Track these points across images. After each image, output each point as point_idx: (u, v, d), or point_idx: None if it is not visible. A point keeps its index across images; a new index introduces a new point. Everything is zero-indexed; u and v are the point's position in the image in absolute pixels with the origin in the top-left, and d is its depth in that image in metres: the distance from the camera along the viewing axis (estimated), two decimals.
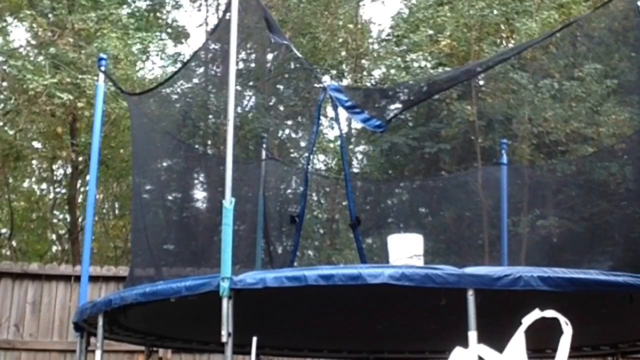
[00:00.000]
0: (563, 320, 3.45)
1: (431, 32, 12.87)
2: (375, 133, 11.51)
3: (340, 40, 14.92)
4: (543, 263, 7.15)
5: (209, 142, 13.41)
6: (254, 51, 15.01)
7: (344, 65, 15.41)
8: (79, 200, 14.16)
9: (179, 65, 13.76)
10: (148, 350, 7.42)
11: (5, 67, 11.38)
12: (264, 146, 9.66)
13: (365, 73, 15.48)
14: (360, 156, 15.57)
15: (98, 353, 5.58)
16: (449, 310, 4.40)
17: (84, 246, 6.72)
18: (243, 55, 14.73)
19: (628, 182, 9.14)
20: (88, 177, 10.44)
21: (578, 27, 9.47)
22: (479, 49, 12.14)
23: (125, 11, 13.06)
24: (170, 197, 9.55)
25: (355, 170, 14.70)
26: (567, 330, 3.44)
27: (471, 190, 9.96)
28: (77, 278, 7.87)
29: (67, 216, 15.07)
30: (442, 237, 10.39)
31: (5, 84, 12.39)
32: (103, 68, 6.94)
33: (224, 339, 4.44)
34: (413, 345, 7.80)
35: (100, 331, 5.56)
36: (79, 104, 10.74)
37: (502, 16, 12.45)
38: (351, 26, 14.97)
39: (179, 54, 14.90)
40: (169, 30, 15.41)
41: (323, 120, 13.57)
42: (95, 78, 9.18)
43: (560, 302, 3.66)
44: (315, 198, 13.61)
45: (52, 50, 10.99)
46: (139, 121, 8.08)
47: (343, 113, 8.29)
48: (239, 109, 13.51)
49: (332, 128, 14.37)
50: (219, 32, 8.12)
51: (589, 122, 11.26)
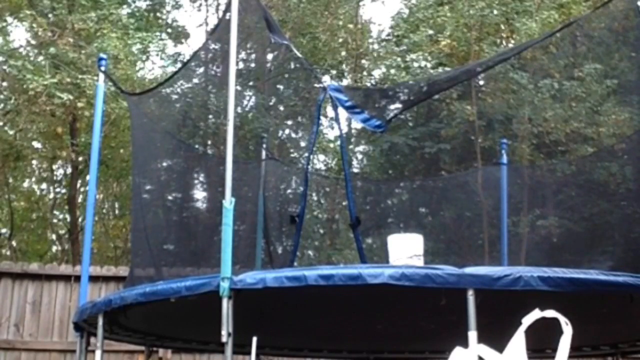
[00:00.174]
0: (563, 320, 3.45)
1: (431, 32, 12.87)
2: (375, 133, 11.51)
3: (340, 40, 14.92)
4: (543, 263, 7.15)
5: (209, 142, 13.41)
6: (254, 51, 15.01)
7: (344, 65, 15.41)
8: (79, 200, 14.16)
9: (179, 65, 13.77)
10: (148, 350, 7.41)
11: (5, 67, 11.38)
12: (264, 146, 9.66)
13: (365, 73, 15.48)
14: (360, 156, 15.58)
15: (98, 353, 5.58)
16: (449, 310, 4.41)
17: (84, 246, 6.73)
18: (243, 55, 14.73)
19: (628, 182, 9.13)
20: (88, 177, 10.44)
21: (578, 27, 9.46)
22: (479, 49, 12.14)
23: (125, 11, 13.07)
24: (170, 197, 9.55)
25: (355, 170, 14.70)
26: (567, 330, 3.44)
27: (471, 190, 9.95)
28: (77, 278, 7.88)
29: (67, 216, 15.07)
30: (442, 237, 10.38)
31: (5, 84, 12.39)
32: (103, 68, 6.94)
33: (224, 339, 4.45)
34: (413, 345, 7.80)
35: (100, 331, 5.56)
36: (79, 104, 10.75)
37: (502, 16, 12.44)
38: (351, 26, 14.97)
39: (179, 54, 14.94)
40: (169, 30, 15.42)
41: (323, 120, 13.58)
42: (95, 78, 9.18)
43: (560, 302, 3.66)
44: (315, 198, 13.60)
45: (52, 50, 10.99)
46: (139, 121, 8.08)
47: (343, 113, 8.28)
48: (239, 109, 13.51)
49: (332, 128, 14.38)
50: (219, 32, 8.11)
51: (589, 122, 11.26)
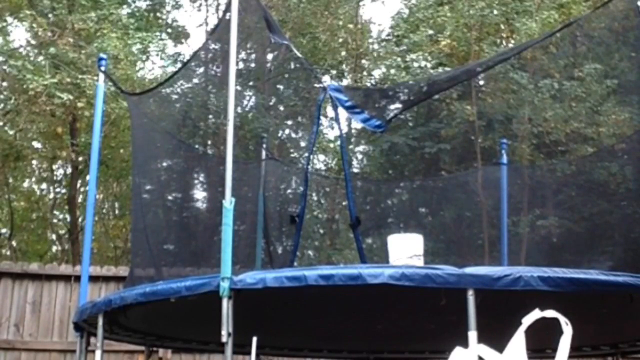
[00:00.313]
0: (563, 320, 3.45)
1: (431, 32, 12.87)
2: (375, 133, 11.50)
3: (340, 40, 14.92)
4: (543, 263, 7.16)
5: (209, 142, 13.41)
6: (254, 51, 15.01)
7: (344, 65, 15.41)
8: (79, 200, 14.16)
9: (179, 65, 13.77)
10: (148, 350, 7.41)
11: (5, 67, 11.38)
12: (264, 146, 9.66)
13: (365, 73, 15.49)
14: (360, 156, 15.58)
15: (98, 353, 5.58)
16: (449, 310, 4.40)
17: (84, 246, 6.72)
18: (243, 55, 14.73)
19: (628, 182, 9.13)
20: (88, 177, 10.44)
21: (578, 27, 9.46)
22: (479, 49, 12.14)
23: (125, 11, 13.07)
24: (170, 197, 9.56)
25: (355, 170, 14.70)
26: (567, 330, 3.43)
27: (471, 190, 9.95)
28: (77, 278, 7.88)
29: (67, 216, 15.07)
30: (442, 237, 10.38)
31: (5, 84, 12.39)
32: (103, 68, 6.94)
33: (224, 339, 4.44)
34: (413, 345, 7.80)
35: (100, 331, 5.55)
36: (79, 104, 10.75)
37: (502, 16, 12.44)
38: (351, 26, 14.97)
39: (179, 54, 14.95)
40: (169, 30, 15.43)
41: (323, 120, 13.58)
42: (95, 78, 9.19)
43: (560, 302, 3.66)
44: (315, 198, 13.60)
45: (52, 50, 10.99)
46: (139, 121, 8.08)
47: (343, 113, 8.28)
48: (239, 109, 13.51)
49: (332, 128, 14.38)
50: (219, 32, 8.11)
51: (589, 122, 11.26)
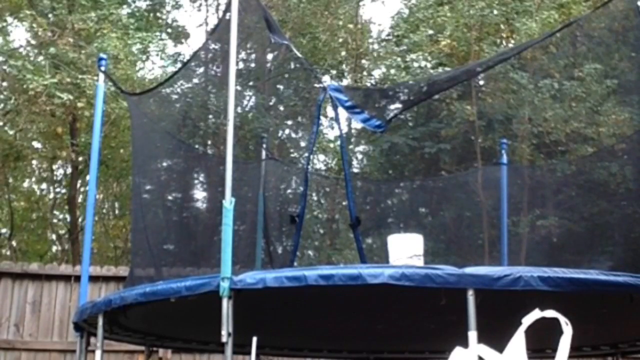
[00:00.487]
0: (563, 320, 3.44)
1: (431, 32, 12.88)
2: (375, 133, 11.50)
3: (340, 40, 14.93)
4: (543, 263, 7.16)
5: (209, 142, 13.41)
6: (254, 51, 15.01)
7: (344, 65, 15.41)
8: (79, 200, 14.16)
9: (179, 65, 13.77)
10: (148, 350, 7.41)
11: (5, 67, 11.38)
12: (264, 146, 9.66)
13: (365, 73, 15.49)
14: (360, 156, 15.58)
15: (98, 353, 5.58)
16: (449, 310, 4.40)
17: (84, 246, 6.72)
18: (243, 55, 14.73)
19: (628, 182, 9.13)
20: (88, 177, 10.44)
21: (578, 27, 9.46)
22: (479, 49, 12.14)
23: (125, 11, 13.07)
24: (170, 197, 9.56)
25: (355, 170, 14.70)
26: (567, 330, 3.43)
27: (471, 190, 9.95)
28: (77, 278, 7.87)
29: (67, 216, 15.07)
30: (442, 237, 10.39)
31: (5, 84, 12.38)
32: (103, 68, 6.94)
33: (224, 339, 4.44)
34: (413, 345, 7.79)
35: (100, 331, 5.56)
36: (79, 104, 10.74)
37: (502, 16, 12.44)
38: (351, 26, 14.97)
39: (179, 54, 14.95)
40: (169, 30, 15.42)
41: (323, 120, 13.58)
42: (95, 78, 9.18)
43: (560, 302, 3.66)
44: (315, 198, 13.60)
45: (52, 50, 10.99)
46: (139, 121, 8.08)
47: (343, 113, 8.28)
48: (239, 109, 13.51)
49: (332, 128, 14.38)
50: (219, 32, 8.12)
51: (589, 122, 11.26)
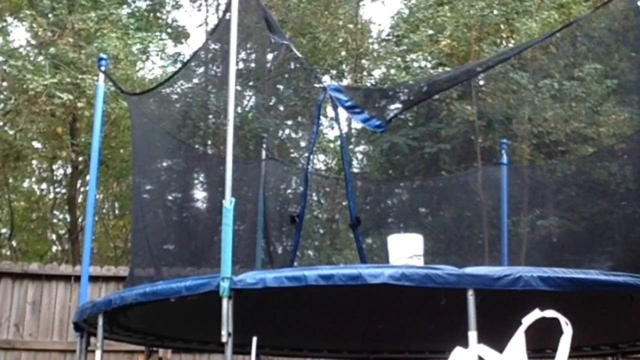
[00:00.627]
0: (563, 320, 3.45)
1: (431, 32, 12.88)
2: (375, 133, 11.50)
3: (340, 40, 14.93)
4: (543, 263, 7.16)
5: (209, 142, 13.41)
6: (254, 51, 15.01)
7: (344, 65, 15.41)
8: (79, 200, 14.16)
9: (179, 65, 13.77)
10: (148, 350, 7.41)
11: (5, 67, 11.37)
12: (264, 146, 9.65)
13: (365, 73, 15.49)
14: (360, 156, 15.58)
15: (98, 353, 5.58)
16: (449, 310, 4.40)
17: (84, 246, 6.72)
18: (243, 55, 14.73)
19: (628, 182, 9.12)
20: (88, 177, 10.44)
21: (578, 27, 9.44)
22: (479, 49, 12.14)
23: (125, 11, 13.08)
24: (170, 197, 9.55)
25: (355, 170, 14.70)
26: (567, 330, 3.44)
27: (471, 190, 9.95)
28: (77, 278, 7.87)
29: (67, 216, 15.07)
30: (442, 237, 10.38)
31: (5, 84, 12.38)
32: (103, 68, 6.94)
33: (224, 339, 4.44)
34: (413, 345, 7.79)
35: (100, 331, 5.55)
36: (79, 104, 10.75)
37: (502, 16, 12.44)
38: (351, 26, 14.98)
39: (179, 54, 14.96)
40: (169, 30, 15.43)
41: (323, 120, 13.58)
42: (95, 78, 9.18)
43: (560, 302, 3.66)
44: (315, 198, 13.60)
45: (52, 50, 10.99)
46: (139, 121, 8.08)
47: (343, 113, 8.29)
48: (239, 109, 13.50)
49: (332, 128, 14.38)
50: (219, 32, 8.11)
51: (589, 122, 11.26)
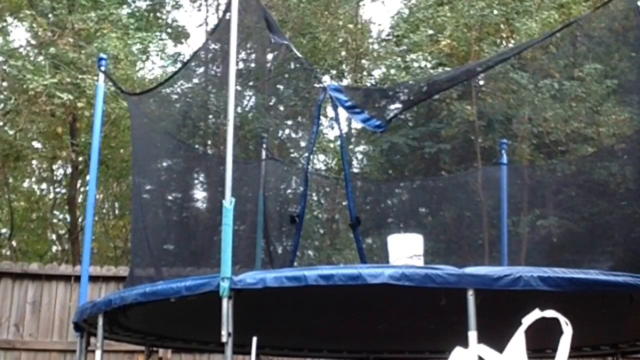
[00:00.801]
0: (563, 320, 3.45)
1: (431, 32, 12.88)
2: (375, 133, 11.50)
3: (340, 40, 14.93)
4: (543, 263, 7.17)
5: (209, 142, 13.41)
6: (254, 51, 15.01)
7: (344, 65, 15.41)
8: (79, 200, 14.16)
9: (179, 65, 13.77)
10: (148, 350, 7.41)
11: (5, 67, 11.37)
12: (264, 146, 9.65)
13: (365, 73, 15.48)
14: (360, 156, 15.57)
15: (98, 353, 5.58)
16: (449, 310, 4.40)
17: (84, 246, 6.72)
18: (243, 55, 14.73)
19: (628, 182, 9.12)
20: (88, 177, 10.44)
21: (578, 27, 9.45)
22: (479, 49, 12.13)
23: (125, 11, 13.07)
24: (170, 197, 9.56)
25: (355, 170, 14.69)
26: (567, 330, 3.43)
27: (471, 190, 9.95)
28: (77, 278, 7.88)
29: (67, 216, 15.06)
30: (442, 237, 10.39)
31: (5, 84, 12.37)
32: (103, 68, 6.94)
33: (224, 339, 4.45)
34: (413, 345, 7.80)
35: (100, 331, 5.56)
36: (79, 104, 10.74)
37: (502, 16, 12.44)
38: (351, 26, 14.97)
39: (179, 54, 14.95)
40: (169, 30, 15.43)
41: (323, 120, 13.58)
42: (95, 78, 9.18)
43: (560, 302, 3.66)
44: (315, 198, 13.59)
45: (52, 50, 10.98)
46: (139, 121, 8.08)
47: (343, 113, 8.29)
48: (239, 109, 13.50)
49: (332, 128, 14.37)
50: (219, 32, 8.12)
51: (589, 122, 11.26)
